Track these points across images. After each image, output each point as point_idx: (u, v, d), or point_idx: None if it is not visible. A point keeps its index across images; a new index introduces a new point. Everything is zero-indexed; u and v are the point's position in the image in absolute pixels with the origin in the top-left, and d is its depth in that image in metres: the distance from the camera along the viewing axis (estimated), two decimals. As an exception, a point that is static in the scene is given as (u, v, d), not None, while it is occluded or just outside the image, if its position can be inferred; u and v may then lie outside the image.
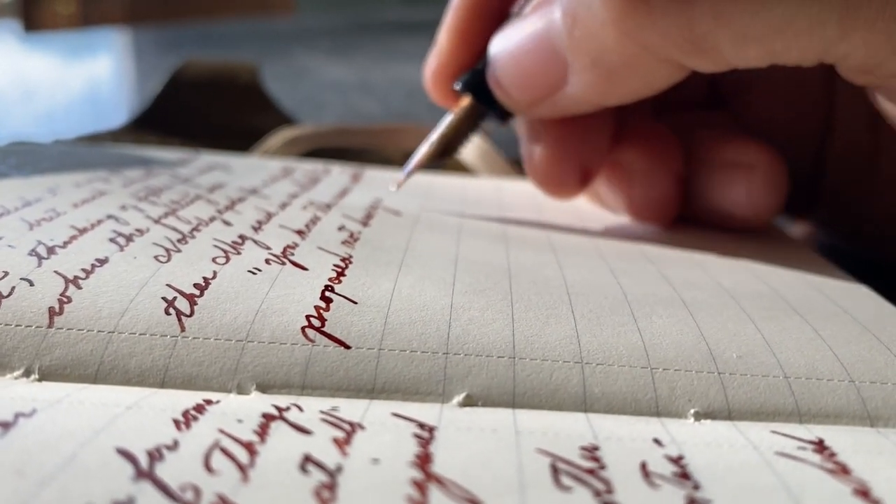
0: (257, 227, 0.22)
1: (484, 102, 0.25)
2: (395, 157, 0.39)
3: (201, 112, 0.42)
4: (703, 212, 0.27)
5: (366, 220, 0.24)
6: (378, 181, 0.30)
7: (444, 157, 0.26)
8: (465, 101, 0.25)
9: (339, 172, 0.31)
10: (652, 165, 0.26)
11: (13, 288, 0.17)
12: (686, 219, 0.27)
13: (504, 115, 0.25)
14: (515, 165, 0.37)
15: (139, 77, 0.76)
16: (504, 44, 0.24)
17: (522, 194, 0.31)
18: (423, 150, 0.26)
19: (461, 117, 0.25)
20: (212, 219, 0.22)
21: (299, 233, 0.22)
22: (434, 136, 0.26)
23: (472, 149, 0.36)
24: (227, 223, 0.22)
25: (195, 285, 0.18)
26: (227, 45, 0.96)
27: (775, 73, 0.27)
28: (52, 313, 0.16)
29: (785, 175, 0.25)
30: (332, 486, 0.12)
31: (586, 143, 0.26)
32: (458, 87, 0.26)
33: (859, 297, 0.21)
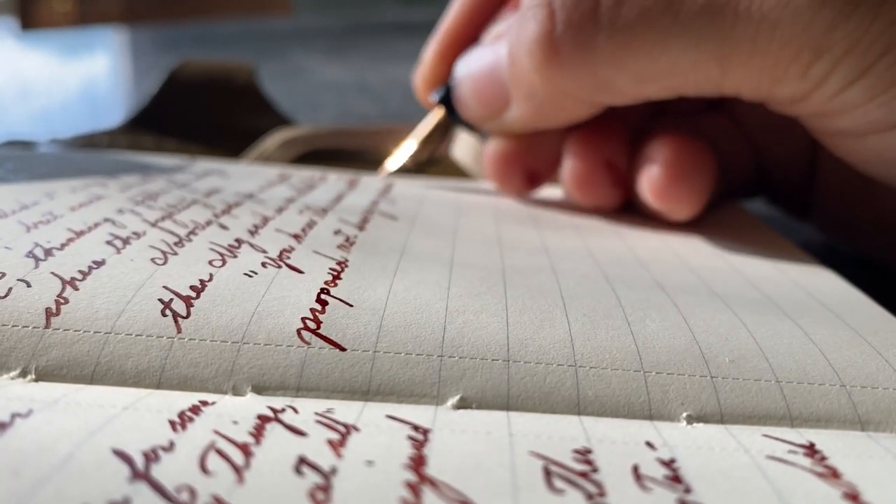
0: (253, 231, 0.22)
1: (451, 115, 0.30)
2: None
3: (198, 112, 0.42)
4: (638, 204, 0.29)
5: (362, 225, 0.24)
6: (375, 187, 0.30)
7: (420, 157, 0.32)
8: (439, 110, 0.30)
9: (335, 179, 0.31)
10: (582, 147, 0.28)
11: (10, 289, 0.17)
12: (631, 211, 0.29)
13: (469, 125, 0.30)
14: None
15: (136, 76, 0.75)
16: (464, 67, 0.28)
17: (517, 199, 0.31)
18: (407, 151, 0.32)
19: (436, 124, 0.31)
20: (208, 222, 0.22)
21: (295, 237, 0.22)
22: (413, 140, 0.32)
23: (467, 150, 0.37)
24: (223, 227, 0.22)
25: (191, 287, 0.18)
26: (224, 44, 0.96)
27: None
28: (48, 314, 0.16)
29: (699, 166, 0.27)
30: (326, 488, 0.12)
31: (532, 150, 0.29)
32: (432, 98, 0.30)
33: (851, 301, 0.21)
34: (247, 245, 0.21)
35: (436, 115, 0.31)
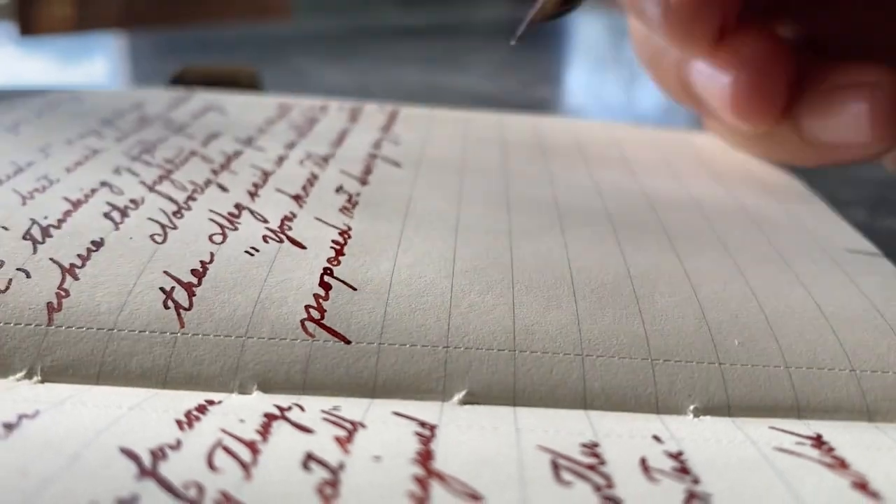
0: (253, 192, 0.22)
1: None
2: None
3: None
4: (812, 139, 0.24)
5: (364, 178, 0.24)
6: (377, 121, 0.30)
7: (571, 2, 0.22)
8: None
9: (336, 109, 0.31)
10: (765, 51, 0.23)
11: (10, 281, 0.17)
12: (787, 149, 0.25)
13: None
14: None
15: (136, 81, 0.75)
16: None
17: (526, 132, 0.30)
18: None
19: None
20: (207, 182, 0.22)
21: (296, 198, 0.22)
22: None
23: None
24: (222, 188, 0.22)
25: (192, 272, 0.18)
26: (224, 49, 0.96)
27: None
28: (50, 309, 0.16)
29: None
30: (334, 483, 0.12)
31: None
32: None
33: (870, 263, 0.21)
34: (247, 212, 0.20)
35: None
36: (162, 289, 0.17)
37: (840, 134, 0.23)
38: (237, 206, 0.21)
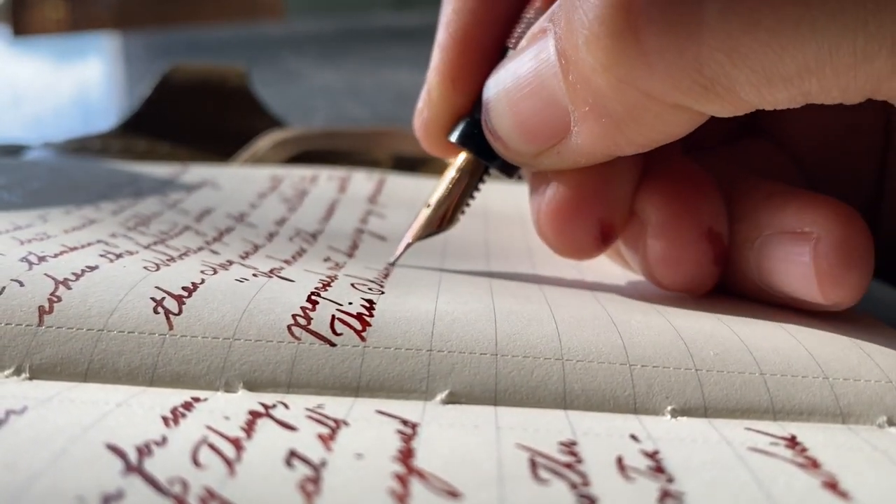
0: (244, 257, 0.22)
1: (483, 156, 0.21)
2: (382, 160, 0.39)
3: (190, 116, 0.42)
4: (757, 289, 0.21)
5: (351, 251, 0.24)
6: (365, 191, 0.30)
7: (444, 226, 0.22)
8: (463, 155, 0.22)
9: (326, 179, 0.31)
10: (674, 216, 0.20)
11: (3, 288, 0.17)
12: (738, 294, 0.22)
13: (508, 167, 0.21)
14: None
15: (129, 82, 0.76)
16: (499, 87, 0.20)
17: (508, 202, 0.31)
18: (421, 217, 0.22)
19: (460, 175, 0.22)
20: (199, 249, 0.23)
21: (286, 262, 0.22)
22: (432, 199, 0.22)
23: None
24: (214, 253, 0.22)
25: (184, 288, 0.18)
26: (216, 50, 0.96)
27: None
28: (41, 312, 0.16)
29: (866, 243, 0.19)
30: (316, 480, 0.12)
31: (606, 191, 0.21)
32: (453, 139, 0.22)
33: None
34: (237, 265, 0.21)
35: (459, 161, 0.22)
36: (153, 298, 0.17)
37: (784, 288, 0.20)
38: (228, 261, 0.21)
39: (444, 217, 0.22)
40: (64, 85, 0.75)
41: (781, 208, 0.20)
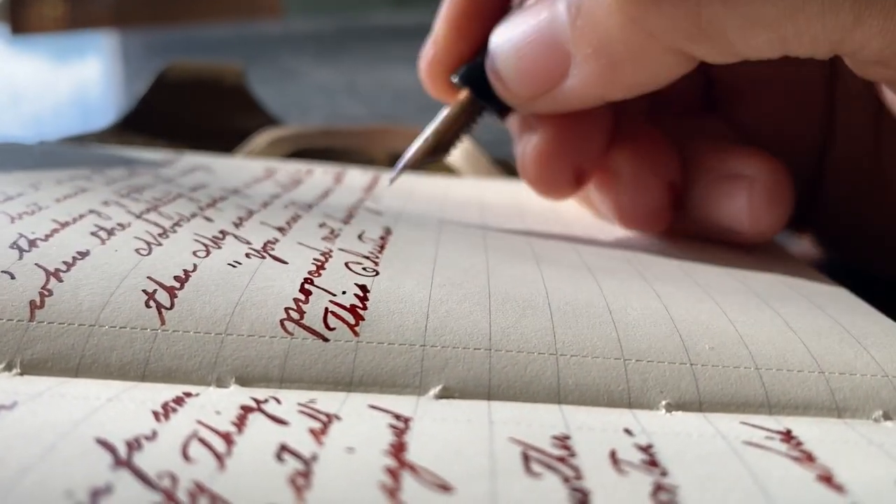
0: (238, 223, 0.22)
1: (482, 96, 0.24)
2: (379, 158, 0.39)
3: (186, 114, 0.42)
4: (700, 225, 0.25)
5: (347, 219, 0.24)
6: (361, 183, 0.30)
7: (438, 154, 0.25)
8: (463, 94, 0.25)
9: (321, 173, 0.31)
10: (642, 170, 0.25)
11: None
12: (681, 232, 0.26)
13: (503, 109, 0.24)
14: (500, 166, 0.37)
15: (127, 80, 0.76)
16: (505, 36, 0.23)
17: (504, 195, 0.31)
18: (416, 146, 0.25)
19: (458, 111, 0.25)
20: (193, 215, 0.22)
21: (280, 229, 0.22)
22: (428, 130, 0.25)
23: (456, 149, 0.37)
24: (208, 219, 0.22)
25: (175, 278, 0.18)
26: (214, 48, 0.96)
27: (773, 78, 0.26)
28: (32, 307, 0.16)
29: (789, 188, 0.24)
30: (306, 474, 0.12)
31: (582, 141, 0.25)
32: (455, 79, 0.25)
33: (834, 294, 0.21)
34: (231, 237, 0.21)
35: (459, 100, 0.25)
36: (144, 290, 0.17)
37: (723, 221, 0.24)
38: (221, 231, 0.21)
39: (440, 145, 0.25)
40: (62, 83, 0.75)
41: (725, 158, 0.24)
